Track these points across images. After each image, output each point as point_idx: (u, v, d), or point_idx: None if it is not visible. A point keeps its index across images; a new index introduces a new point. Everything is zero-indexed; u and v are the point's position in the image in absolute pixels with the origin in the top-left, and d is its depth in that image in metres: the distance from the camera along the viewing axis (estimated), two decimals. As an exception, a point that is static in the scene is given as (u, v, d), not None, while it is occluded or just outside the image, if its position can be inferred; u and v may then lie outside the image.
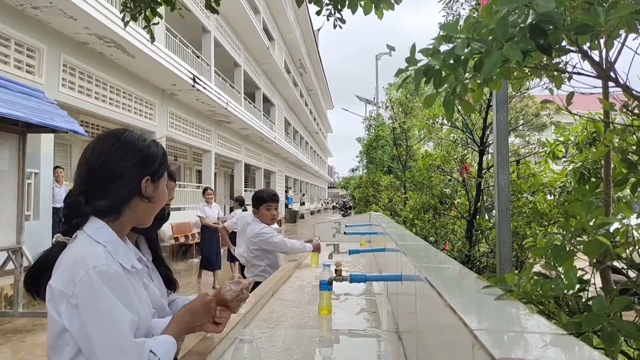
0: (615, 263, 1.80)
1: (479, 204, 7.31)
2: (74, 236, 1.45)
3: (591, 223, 1.47)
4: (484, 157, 7.80)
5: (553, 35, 1.37)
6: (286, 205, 36.13)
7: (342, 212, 41.15)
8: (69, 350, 1.34)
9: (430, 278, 1.71)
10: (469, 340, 0.94)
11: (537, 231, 6.29)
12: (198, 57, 16.92)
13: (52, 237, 9.24)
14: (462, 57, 1.46)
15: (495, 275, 4.97)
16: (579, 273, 1.47)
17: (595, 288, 1.74)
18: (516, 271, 1.73)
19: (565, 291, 1.34)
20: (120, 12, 3.85)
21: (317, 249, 4.91)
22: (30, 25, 9.12)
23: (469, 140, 8.29)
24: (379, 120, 22.22)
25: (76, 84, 10.59)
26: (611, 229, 1.54)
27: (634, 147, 2.01)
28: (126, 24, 3.80)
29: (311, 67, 43.89)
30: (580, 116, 2.55)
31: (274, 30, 29.77)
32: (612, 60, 1.73)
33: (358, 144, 31.81)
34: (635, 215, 1.76)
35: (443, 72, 1.52)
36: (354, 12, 3.84)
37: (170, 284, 1.97)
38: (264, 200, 4.73)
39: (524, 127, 10.83)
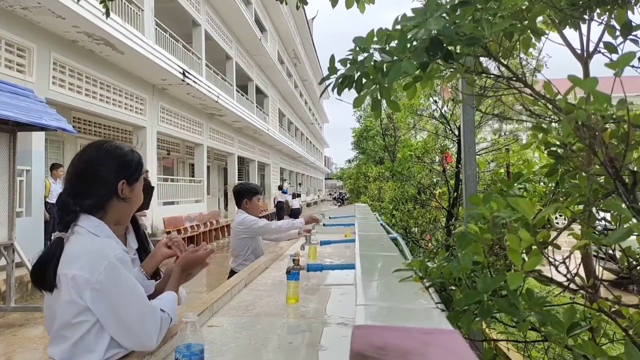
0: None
1: (456, 194, 7.45)
2: (70, 231, 1.72)
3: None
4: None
5: (457, 45, 1.57)
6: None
7: (339, 203, 41.44)
8: (85, 327, 1.63)
9: (359, 263, 1.92)
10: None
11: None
12: (189, 50, 17.00)
13: (45, 231, 9.43)
14: (377, 66, 1.66)
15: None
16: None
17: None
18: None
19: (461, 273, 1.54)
20: None
21: (312, 221, 4.97)
22: (19, 25, 9.27)
23: (447, 131, 8.45)
24: (368, 110, 22.25)
25: (66, 82, 10.74)
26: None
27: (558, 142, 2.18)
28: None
29: (305, 58, 43.78)
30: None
31: (266, 21, 29.71)
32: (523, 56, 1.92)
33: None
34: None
35: (363, 78, 1.72)
36: (333, 5, 3.85)
37: (153, 273, 2.19)
38: (256, 192, 4.87)
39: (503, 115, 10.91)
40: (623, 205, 1.26)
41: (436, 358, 0.79)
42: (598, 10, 2.21)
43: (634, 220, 1.19)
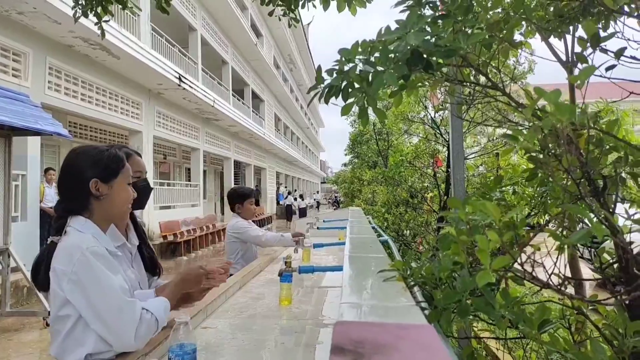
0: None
1: (447, 197, 7.51)
2: (63, 233, 1.78)
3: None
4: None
5: (437, 56, 1.64)
6: (277, 202, 36.17)
7: (335, 207, 41.75)
8: (71, 320, 1.69)
9: (347, 264, 1.97)
10: (341, 311, 1.19)
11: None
12: (185, 55, 17.05)
13: (40, 236, 9.42)
14: (362, 76, 1.73)
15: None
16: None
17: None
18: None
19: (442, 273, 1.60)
20: (72, 9, 3.85)
21: (298, 236, 4.93)
22: (15, 30, 9.30)
23: (437, 135, 8.53)
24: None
25: (62, 87, 10.77)
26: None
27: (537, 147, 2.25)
28: (76, 19, 3.83)
29: (301, 62, 43.84)
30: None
31: (262, 27, 29.77)
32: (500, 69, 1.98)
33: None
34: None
35: (349, 87, 1.79)
36: (325, 8, 3.88)
37: (154, 266, 2.25)
38: (248, 196, 4.87)
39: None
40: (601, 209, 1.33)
41: (408, 351, 0.86)
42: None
43: (604, 226, 1.26)
